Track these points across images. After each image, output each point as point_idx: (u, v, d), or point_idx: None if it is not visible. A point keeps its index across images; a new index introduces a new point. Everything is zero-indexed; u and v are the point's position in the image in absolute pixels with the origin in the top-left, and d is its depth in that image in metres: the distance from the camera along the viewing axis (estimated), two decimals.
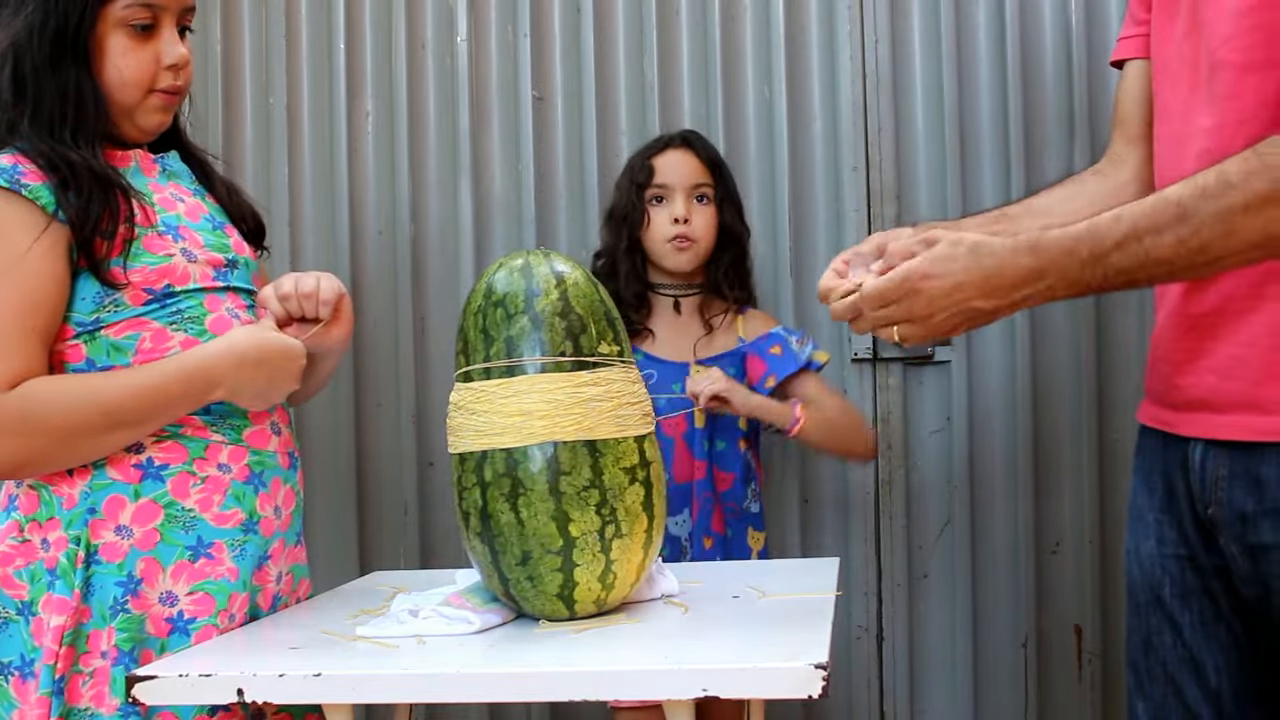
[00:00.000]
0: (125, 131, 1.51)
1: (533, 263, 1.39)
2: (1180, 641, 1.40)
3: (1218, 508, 1.32)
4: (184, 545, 1.45)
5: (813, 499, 2.40)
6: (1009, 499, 2.36)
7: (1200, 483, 1.34)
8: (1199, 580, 1.38)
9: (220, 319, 1.51)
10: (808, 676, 1.09)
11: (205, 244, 1.52)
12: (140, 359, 1.44)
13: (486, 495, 1.33)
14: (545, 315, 1.34)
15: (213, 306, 1.51)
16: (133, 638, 1.40)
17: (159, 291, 1.46)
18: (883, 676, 2.40)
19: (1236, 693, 1.37)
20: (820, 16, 2.41)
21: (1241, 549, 1.31)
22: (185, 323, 1.48)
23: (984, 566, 2.37)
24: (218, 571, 1.46)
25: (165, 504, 1.45)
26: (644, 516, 1.35)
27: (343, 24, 2.54)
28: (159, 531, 1.44)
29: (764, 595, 1.45)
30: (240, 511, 1.49)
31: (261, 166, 2.57)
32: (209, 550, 1.46)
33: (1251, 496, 1.29)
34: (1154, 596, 1.42)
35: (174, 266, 1.47)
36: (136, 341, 1.45)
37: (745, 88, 2.43)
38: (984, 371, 2.37)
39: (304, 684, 1.17)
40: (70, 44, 1.43)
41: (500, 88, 2.50)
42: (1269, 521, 1.28)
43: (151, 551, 1.44)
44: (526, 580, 1.33)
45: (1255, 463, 1.28)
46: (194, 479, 1.46)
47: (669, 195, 2.13)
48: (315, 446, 2.53)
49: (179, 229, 1.50)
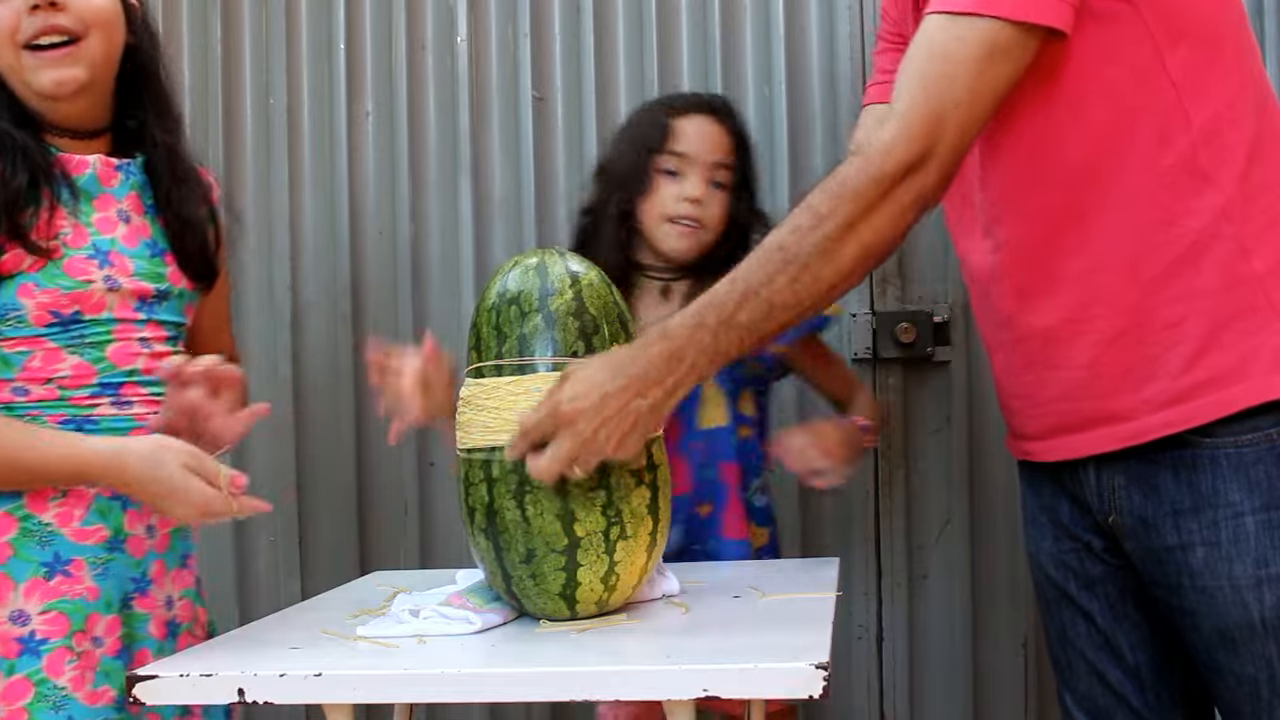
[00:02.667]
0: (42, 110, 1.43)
1: (548, 262, 1.39)
2: (1094, 628, 1.46)
3: (1118, 515, 1.37)
4: (39, 561, 1.40)
5: (813, 499, 2.40)
6: (1009, 499, 2.36)
7: (1098, 495, 1.39)
8: (1101, 567, 1.44)
9: (124, 348, 1.45)
10: (809, 676, 1.09)
11: (135, 272, 1.46)
12: (25, 375, 1.40)
13: (493, 492, 1.33)
14: (559, 314, 1.34)
15: (121, 335, 1.45)
16: None
17: (66, 316, 1.41)
18: (883, 676, 2.40)
19: (1153, 663, 1.44)
20: (820, 16, 2.41)
21: (1146, 553, 1.35)
22: (84, 348, 1.43)
23: (984, 566, 2.37)
24: (74, 590, 1.41)
25: (20, 517, 1.40)
26: (649, 519, 1.35)
27: (343, 24, 2.54)
28: (12, 545, 1.39)
29: (764, 595, 1.45)
30: (104, 528, 1.43)
31: (261, 166, 2.56)
32: (66, 567, 1.41)
33: (1150, 501, 1.33)
34: (1060, 592, 1.48)
35: (89, 294, 1.42)
36: (26, 358, 1.41)
37: (745, 88, 2.43)
38: (984, 371, 2.36)
39: (304, 684, 1.17)
40: None
41: (500, 88, 2.50)
42: (1170, 522, 1.32)
43: (3, 566, 1.39)
44: (529, 578, 1.32)
45: (1150, 469, 1.33)
46: (53, 491, 1.41)
47: (685, 168, 1.85)
48: (315, 446, 2.53)
49: (109, 254, 1.44)
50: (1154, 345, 1.31)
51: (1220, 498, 1.29)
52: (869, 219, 1.27)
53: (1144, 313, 1.31)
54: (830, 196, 1.28)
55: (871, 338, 2.35)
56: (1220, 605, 1.29)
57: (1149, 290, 1.31)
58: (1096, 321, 1.33)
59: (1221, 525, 1.29)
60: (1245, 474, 1.28)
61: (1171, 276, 1.30)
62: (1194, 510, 1.30)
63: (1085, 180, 1.32)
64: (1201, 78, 1.29)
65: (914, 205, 1.29)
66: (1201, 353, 1.30)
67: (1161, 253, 1.30)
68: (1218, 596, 1.29)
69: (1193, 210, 1.29)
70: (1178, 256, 1.30)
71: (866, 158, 1.28)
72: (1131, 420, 1.33)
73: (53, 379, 1.42)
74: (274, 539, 2.55)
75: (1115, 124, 1.30)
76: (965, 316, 2.35)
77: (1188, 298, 1.30)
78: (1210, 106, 1.30)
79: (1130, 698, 1.44)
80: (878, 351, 2.37)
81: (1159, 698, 1.44)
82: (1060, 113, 1.32)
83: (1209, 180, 1.29)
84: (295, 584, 2.53)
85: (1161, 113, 1.29)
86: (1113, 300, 1.32)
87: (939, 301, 2.35)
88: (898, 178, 1.26)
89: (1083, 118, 1.31)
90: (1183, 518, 1.31)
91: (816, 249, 1.27)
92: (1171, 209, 1.30)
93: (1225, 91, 1.30)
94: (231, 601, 2.55)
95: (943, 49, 1.27)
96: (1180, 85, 1.29)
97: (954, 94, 1.26)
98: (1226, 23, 1.33)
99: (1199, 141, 1.29)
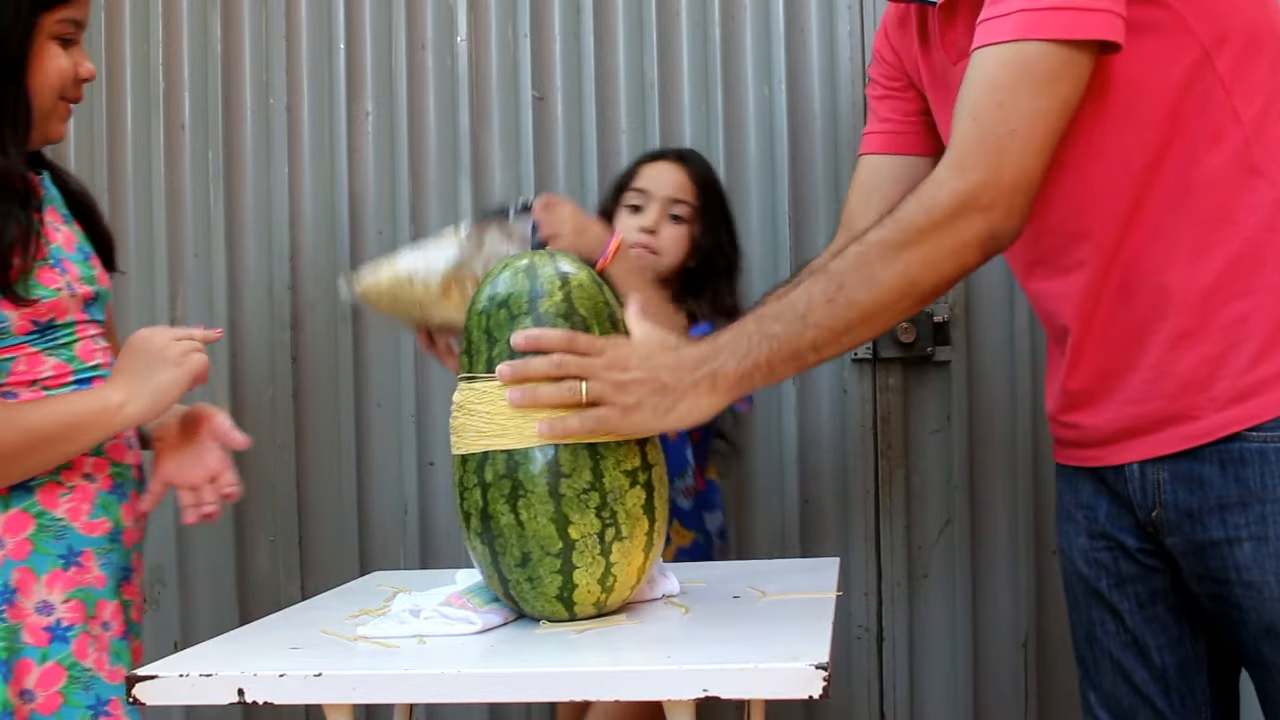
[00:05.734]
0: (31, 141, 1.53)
1: (537, 263, 1.38)
2: (1122, 627, 1.45)
3: (1161, 510, 1.36)
4: (56, 554, 1.48)
5: (813, 499, 2.40)
6: (1009, 499, 2.36)
7: (1140, 491, 1.38)
8: (1134, 566, 1.43)
9: (86, 345, 1.55)
10: (808, 676, 1.09)
11: (80, 276, 1.55)
12: (12, 380, 1.48)
13: (487, 496, 1.32)
14: (549, 316, 1.34)
15: (81, 334, 1.54)
16: (9, 647, 1.43)
17: (43, 324, 1.49)
18: (883, 676, 2.40)
19: (1180, 666, 1.43)
20: (820, 16, 2.41)
21: (1190, 546, 1.35)
22: (58, 349, 1.51)
23: (984, 566, 2.37)
24: (86, 579, 1.50)
25: (35, 513, 1.47)
26: (644, 520, 1.35)
27: (343, 24, 2.54)
28: (31, 541, 1.47)
29: (764, 595, 1.45)
30: (108, 520, 1.52)
31: (261, 166, 2.57)
32: (78, 558, 1.49)
33: (1195, 495, 1.33)
34: (1091, 589, 1.48)
35: (59, 301, 1.50)
36: (11, 364, 1.48)
37: (745, 88, 2.43)
38: (984, 371, 2.37)
39: (304, 684, 1.17)
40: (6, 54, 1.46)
41: (500, 88, 2.50)
42: (1215, 517, 1.31)
43: (25, 561, 1.46)
44: (526, 581, 1.32)
45: (1196, 463, 1.32)
46: (61, 488, 1.49)
47: (645, 202, 2.05)
48: (315, 446, 2.54)
49: (63, 262, 1.52)
50: (1219, 343, 1.30)
51: (1268, 492, 1.28)
52: (918, 248, 1.24)
53: (1208, 311, 1.30)
54: (879, 225, 1.27)
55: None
56: (1267, 600, 1.29)
57: (1212, 288, 1.30)
58: (1163, 322, 1.32)
59: (1269, 520, 1.28)
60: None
61: (1234, 274, 1.29)
62: (1241, 504, 1.29)
63: (1145, 187, 1.30)
64: (1247, 74, 1.29)
65: (977, 243, 1.25)
66: (1267, 349, 1.29)
67: (1221, 250, 1.29)
68: (1264, 591, 1.29)
69: (1249, 206, 1.29)
70: (1237, 253, 1.29)
71: (919, 190, 1.26)
72: (1198, 419, 1.31)
73: (37, 380, 1.49)
74: (274, 539, 2.55)
75: (1170, 130, 1.29)
76: (965, 316, 2.35)
77: (1250, 293, 1.29)
78: (1258, 101, 1.29)
79: (1155, 699, 1.43)
80: (878, 351, 2.37)
81: (1183, 701, 1.43)
82: (1114, 129, 1.30)
83: (1263, 175, 1.29)
84: (295, 584, 2.53)
85: (1213, 112, 1.28)
86: (1178, 301, 1.31)
87: (939, 301, 2.35)
88: (952, 209, 1.23)
89: (1140, 129, 1.29)
90: (1229, 512, 1.30)
91: (854, 269, 1.26)
92: (1229, 206, 1.29)
93: (1272, 83, 1.30)
94: (231, 601, 2.55)
95: (992, 79, 1.24)
96: (1228, 83, 1.28)
97: (1007, 122, 1.22)
98: (1265, 17, 1.32)
99: (1251, 137, 1.29)
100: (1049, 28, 1.22)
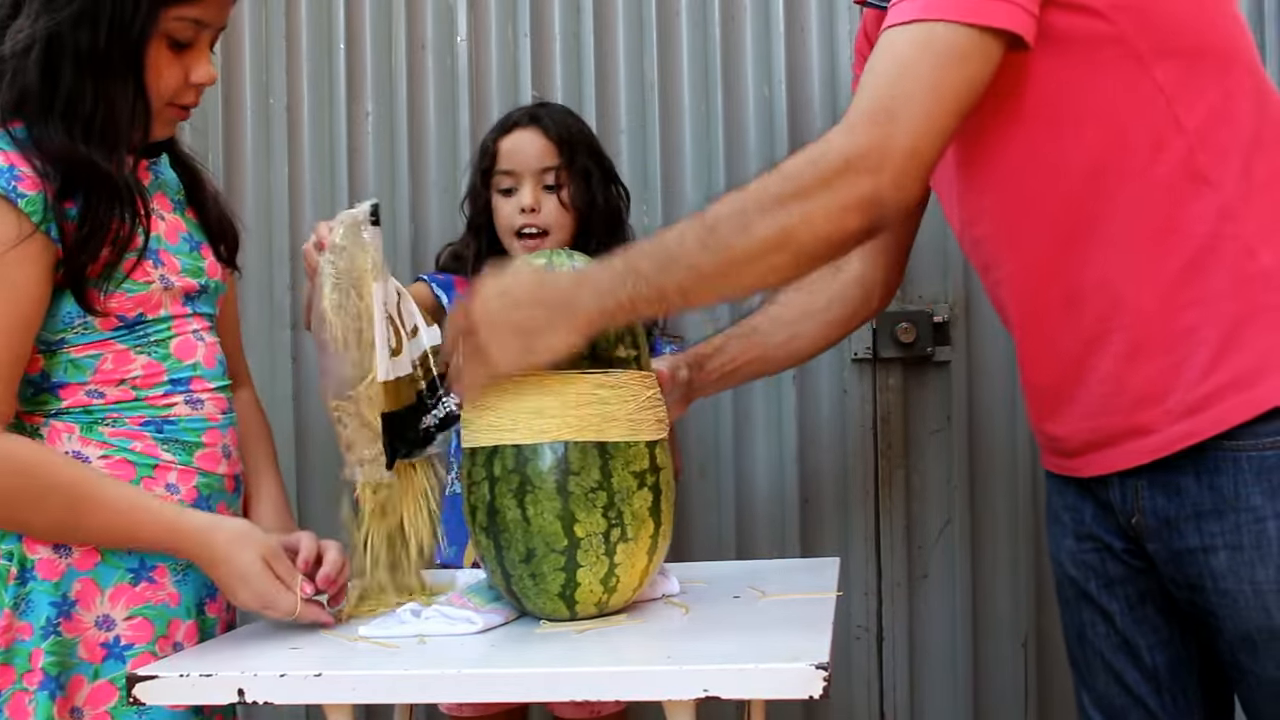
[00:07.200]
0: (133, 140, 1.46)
1: (555, 262, 1.39)
2: (1113, 629, 1.45)
3: (1141, 516, 1.36)
4: (125, 568, 1.41)
5: (813, 499, 2.40)
6: (1009, 499, 2.36)
7: (1121, 497, 1.38)
8: (1121, 568, 1.43)
9: (185, 342, 1.47)
10: (809, 676, 1.09)
11: (182, 268, 1.47)
12: (98, 378, 1.41)
13: (494, 490, 1.33)
14: None
15: (179, 329, 1.47)
16: (61, 662, 1.36)
17: (130, 319, 1.42)
18: (883, 676, 2.40)
19: (1172, 666, 1.43)
20: (820, 16, 2.41)
21: (1169, 554, 1.34)
22: (150, 347, 1.44)
23: (984, 566, 2.37)
24: (158, 596, 1.43)
25: None
26: (650, 522, 1.35)
27: (343, 24, 2.54)
28: (99, 552, 1.40)
29: (764, 595, 1.45)
30: None
31: (261, 166, 2.57)
32: (151, 574, 1.42)
33: (1173, 503, 1.32)
34: (1080, 591, 1.48)
35: (150, 295, 1.43)
36: (97, 361, 1.41)
37: (745, 87, 2.43)
38: (984, 371, 2.37)
39: (304, 684, 1.18)
40: (123, 49, 1.38)
41: (500, 88, 2.50)
42: (1191, 525, 1.31)
43: (90, 573, 1.39)
44: (529, 578, 1.32)
45: (1173, 471, 1.32)
46: None
47: (517, 182, 1.99)
48: (315, 446, 2.53)
49: (159, 253, 1.45)
50: (1173, 354, 1.30)
51: (1242, 501, 1.28)
52: (797, 203, 1.23)
53: (1160, 322, 1.30)
54: (764, 176, 1.26)
55: (871, 338, 2.35)
56: (1242, 609, 1.28)
57: (1162, 299, 1.29)
58: (1115, 335, 1.32)
59: (1244, 529, 1.28)
60: (1268, 478, 1.26)
61: (1182, 283, 1.29)
62: (1216, 513, 1.29)
63: (1086, 198, 1.30)
64: (1190, 82, 1.28)
65: (859, 205, 1.22)
66: (1219, 357, 1.28)
67: (1170, 260, 1.29)
68: (1240, 600, 1.28)
69: (1195, 214, 1.28)
70: (1186, 262, 1.29)
71: (808, 147, 1.26)
72: (1155, 432, 1.31)
73: (126, 379, 1.43)
74: None
75: (1109, 139, 1.29)
76: (965, 316, 2.35)
77: (1200, 303, 1.28)
78: (1201, 108, 1.28)
79: (1147, 699, 1.43)
80: (878, 351, 2.37)
81: (1175, 700, 1.43)
82: (1049, 138, 1.30)
83: (1208, 182, 1.28)
84: None
85: (1153, 121, 1.28)
86: (1129, 313, 1.31)
87: (939, 301, 2.35)
88: (837, 168, 1.22)
89: (1076, 139, 1.29)
90: (1205, 520, 1.30)
91: (731, 215, 1.25)
92: (1174, 215, 1.29)
93: (1217, 91, 1.29)
94: None
95: (895, 52, 1.24)
96: (1169, 92, 1.27)
97: (904, 88, 1.22)
98: (1212, 26, 1.32)
99: (1195, 145, 1.28)
100: (955, 9, 1.22)
